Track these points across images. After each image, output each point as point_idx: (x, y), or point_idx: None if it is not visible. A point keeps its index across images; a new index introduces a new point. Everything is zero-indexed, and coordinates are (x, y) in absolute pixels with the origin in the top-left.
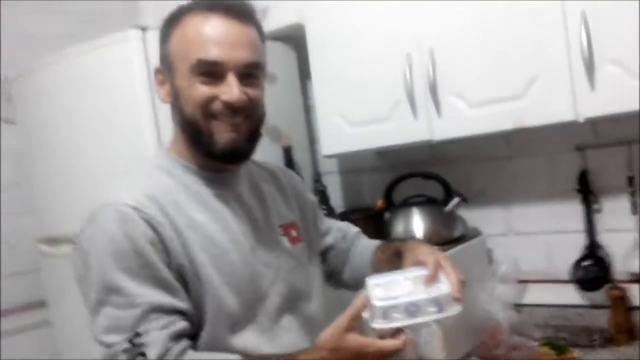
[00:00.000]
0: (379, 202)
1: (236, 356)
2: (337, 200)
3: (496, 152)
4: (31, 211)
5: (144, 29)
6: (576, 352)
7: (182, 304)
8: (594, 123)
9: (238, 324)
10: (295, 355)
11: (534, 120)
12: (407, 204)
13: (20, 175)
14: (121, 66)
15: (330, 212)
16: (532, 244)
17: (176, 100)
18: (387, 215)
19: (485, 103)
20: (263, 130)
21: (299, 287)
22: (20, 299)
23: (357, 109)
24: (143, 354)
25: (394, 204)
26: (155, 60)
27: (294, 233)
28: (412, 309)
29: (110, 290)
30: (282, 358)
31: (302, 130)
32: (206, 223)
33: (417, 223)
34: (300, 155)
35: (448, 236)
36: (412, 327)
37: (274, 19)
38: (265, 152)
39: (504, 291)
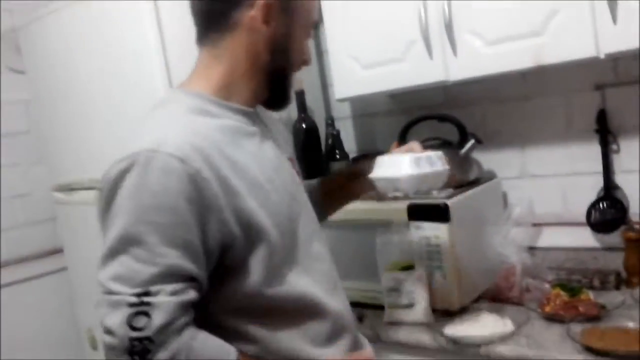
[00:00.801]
0: (393, 146)
1: (234, 355)
2: (350, 145)
3: (512, 93)
4: (43, 160)
5: None
6: (590, 294)
7: (199, 271)
8: (614, 60)
9: (286, 263)
10: None
11: (554, 58)
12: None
13: (30, 124)
14: (131, 13)
15: (344, 156)
16: (548, 186)
17: (272, 45)
18: None
19: (503, 40)
20: None
21: (314, 217)
22: (37, 246)
23: (370, 50)
24: (147, 314)
25: None
26: (165, 8)
27: (296, 166)
28: (429, 160)
29: (133, 241)
30: None
31: (314, 74)
32: (247, 164)
33: None
34: (313, 99)
35: (463, 179)
36: (432, 176)
37: None
38: None
39: (518, 234)
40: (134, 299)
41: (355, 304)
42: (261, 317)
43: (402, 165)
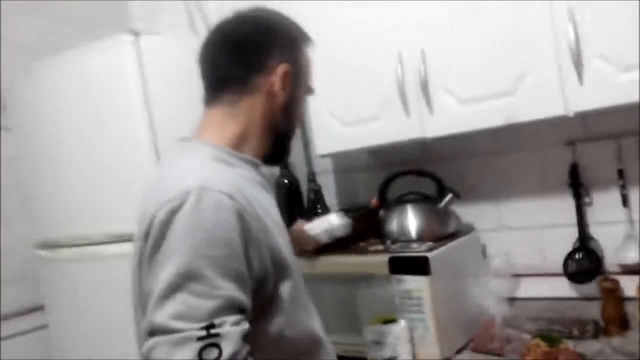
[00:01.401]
0: (373, 201)
1: None
2: (331, 199)
3: (487, 148)
4: (27, 217)
5: (136, 34)
6: (569, 343)
7: (249, 302)
8: (583, 117)
9: (300, 304)
10: None
11: (525, 116)
12: (401, 201)
13: (16, 181)
14: (114, 71)
15: (325, 211)
16: (525, 238)
17: (285, 107)
18: (381, 213)
19: (476, 100)
20: None
21: None
22: (18, 304)
23: (349, 108)
24: (217, 345)
25: (388, 202)
26: (148, 65)
27: None
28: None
29: (191, 277)
30: None
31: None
32: (269, 207)
33: (411, 220)
34: (295, 155)
35: (442, 232)
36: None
37: None
38: None
39: (497, 285)
40: (202, 333)
41: (339, 358)
42: None
43: (331, 221)
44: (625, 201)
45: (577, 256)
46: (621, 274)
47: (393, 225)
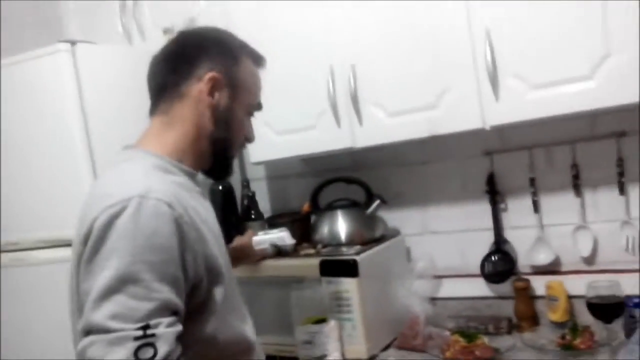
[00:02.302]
0: (305, 206)
1: None
2: (264, 205)
3: (412, 158)
4: None
5: (73, 43)
6: (484, 339)
7: (183, 306)
8: (500, 130)
9: (233, 309)
10: None
11: (446, 128)
12: (331, 207)
13: None
14: (52, 78)
15: (259, 217)
16: (447, 241)
17: (217, 116)
18: (313, 218)
19: (403, 112)
20: None
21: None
22: None
23: (282, 118)
24: (153, 345)
25: (320, 208)
26: (84, 73)
27: None
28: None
29: (129, 280)
30: None
31: None
32: (207, 217)
33: (341, 225)
34: None
35: (370, 236)
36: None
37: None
38: None
39: (421, 286)
40: (139, 333)
41: (270, 358)
42: None
43: (284, 239)
44: (536, 207)
45: (493, 258)
46: (532, 274)
47: (324, 230)
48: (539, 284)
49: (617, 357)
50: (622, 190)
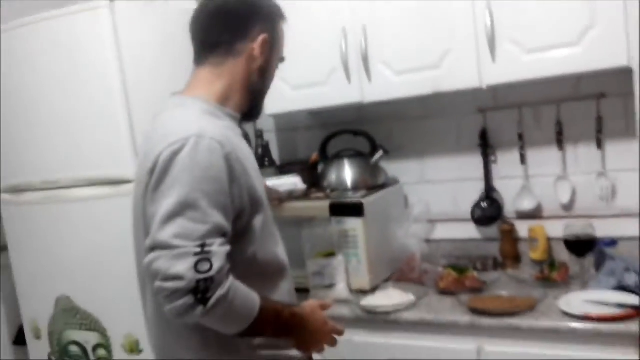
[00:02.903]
0: (314, 156)
1: (257, 296)
2: (275, 155)
3: (413, 114)
4: None
5: None
6: (474, 273)
7: (230, 229)
8: (493, 90)
9: (270, 234)
10: (293, 307)
11: (447, 87)
12: (339, 156)
13: None
14: (92, 31)
15: (272, 164)
16: (441, 190)
17: (262, 71)
18: (321, 166)
19: (408, 71)
20: None
21: None
22: None
23: (297, 74)
24: (209, 260)
25: (328, 157)
26: (122, 27)
27: None
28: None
29: (188, 206)
30: (288, 308)
31: None
32: (248, 154)
33: (347, 173)
34: None
35: (373, 183)
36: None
37: None
38: None
39: (417, 229)
40: (197, 249)
41: None
42: (252, 278)
43: (292, 179)
44: (523, 160)
45: (482, 205)
46: (517, 219)
47: (332, 176)
48: (523, 228)
49: (588, 287)
50: (599, 145)
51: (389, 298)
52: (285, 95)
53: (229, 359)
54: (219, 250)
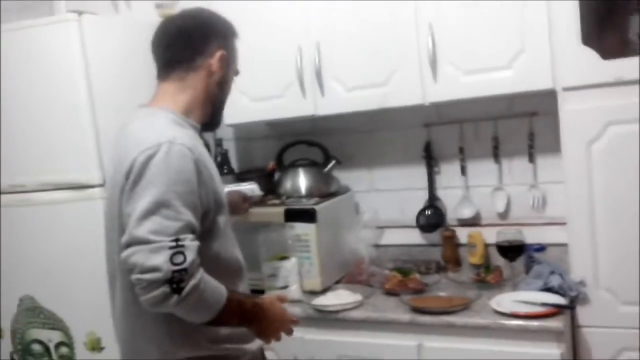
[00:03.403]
0: (271, 164)
1: (224, 289)
2: (232, 163)
3: (363, 126)
4: None
5: (80, 13)
6: (417, 275)
7: (199, 227)
8: (437, 106)
9: (229, 236)
10: (254, 298)
11: (393, 103)
12: (294, 165)
13: None
14: (60, 43)
15: (231, 171)
16: (389, 198)
17: (220, 84)
18: (277, 174)
19: (358, 87)
20: None
21: None
22: None
23: (256, 87)
24: (183, 254)
25: (284, 165)
26: (90, 43)
27: None
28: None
29: (163, 205)
30: (250, 298)
31: None
32: (211, 162)
33: (302, 181)
34: None
35: (326, 191)
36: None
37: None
38: None
39: (366, 234)
40: (172, 244)
41: None
42: (214, 275)
43: (249, 186)
44: (463, 171)
45: (426, 212)
46: (458, 226)
47: (287, 184)
48: (463, 234)
49: (518, 288)
50: (531, 159)
51: (338, 298)
52: (244, 106)
53: (191, 353)
54: (191, 244)
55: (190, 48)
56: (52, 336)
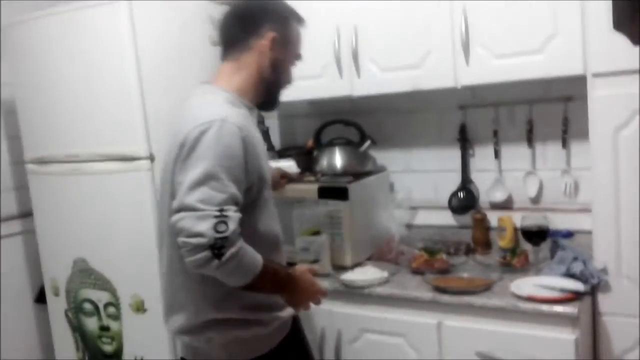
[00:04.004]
0: (309, 142)
1: (260, 257)
2: (274, 139)
3: (400, 107)
4: (21, 136)
5: None
6: (443, 256)
7: (242, 200)
8: (472, 89)
9: (271, 210)
10: (287, 268)
11: (426, 85)
12: (331, 144)
13: (12, 106)
14: (109, 25)
15: (271, 148)
16: (423, 179)
17: (273, 65)
18: (315, 152)
19: (393, 69)
20: None
21: None
22: (10, 210)
23: (297, 66)
24: (226, 223)
25: (321, 144)
26: (139, 22)
27: None
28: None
29: (211, 177)
30: (284, 269)
31: None
32: (260, 140)
33: (338, 159)
34: None
35: (361, 170)
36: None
37: None
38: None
39: (399, 214)
40: (217, 213)
41: None
42: (253, 246)
43: (287, 163)
44: (497, 154)
45: (459, 194)
46: (490, 210)
47: (324, 162)
48: (494, 218)
49: (541, 273)
50: (564, 144)
51: (365, 274)
52: None
53: (222, 315)
54: (234, 215)
55: (245, 30)
56: (101, 296)
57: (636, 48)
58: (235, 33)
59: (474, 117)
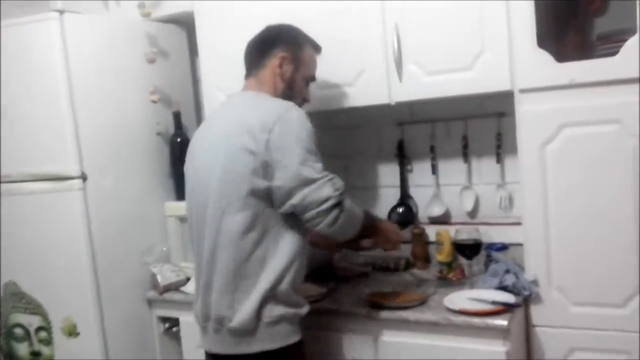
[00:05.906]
0: None
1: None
2: None
3: (339, 124)
4: None
5: (61, 12)
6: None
7: None
8: (409, 105)
9: None
10: (376, 218)
11: (360, 102)
12: None
13: None
14: (42, 41)
15: None
16: (363, 195)
17: (289, 83)
18: None
19: (328, 87)
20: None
21: None
22: None
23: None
24: (335, 183)
25: None
26: (71, 41)
27: None
28: None
29: (311, 152)
30: (371, 215)
31: (189, 98)
32: None
33: None
34: (187, 119)
35: None
36: None
37: (168, 6)
38: (159, 115)
39: None
40: (327, 177)
41: None
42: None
43: None
44: (434, 170)
45: (398, 210)
46: (429, 224)
47: None
48: (433, 232)
49: (475, 286)
50: (498, 159)
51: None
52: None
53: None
54: (336, 176)
55: (262, 51)
56: (33, 321)
57: (560, 64)
58: (254, 54)
59: (411, 133)
